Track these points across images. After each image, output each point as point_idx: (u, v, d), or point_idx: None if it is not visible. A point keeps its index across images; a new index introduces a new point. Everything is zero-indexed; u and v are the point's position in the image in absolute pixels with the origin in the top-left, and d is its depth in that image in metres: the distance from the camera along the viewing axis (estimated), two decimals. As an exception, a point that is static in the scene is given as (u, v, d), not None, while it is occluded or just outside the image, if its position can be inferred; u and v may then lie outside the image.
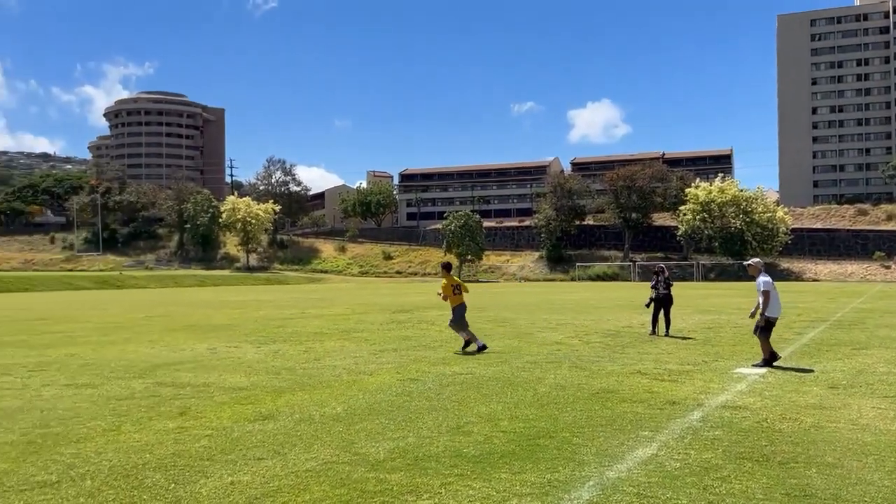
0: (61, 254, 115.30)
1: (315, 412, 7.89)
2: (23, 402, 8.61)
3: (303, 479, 5.41)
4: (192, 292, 54.78)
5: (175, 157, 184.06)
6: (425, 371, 10.98)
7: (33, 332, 18.17)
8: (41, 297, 47.47)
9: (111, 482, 5.34)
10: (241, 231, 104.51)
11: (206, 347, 14.45)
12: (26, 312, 27.24)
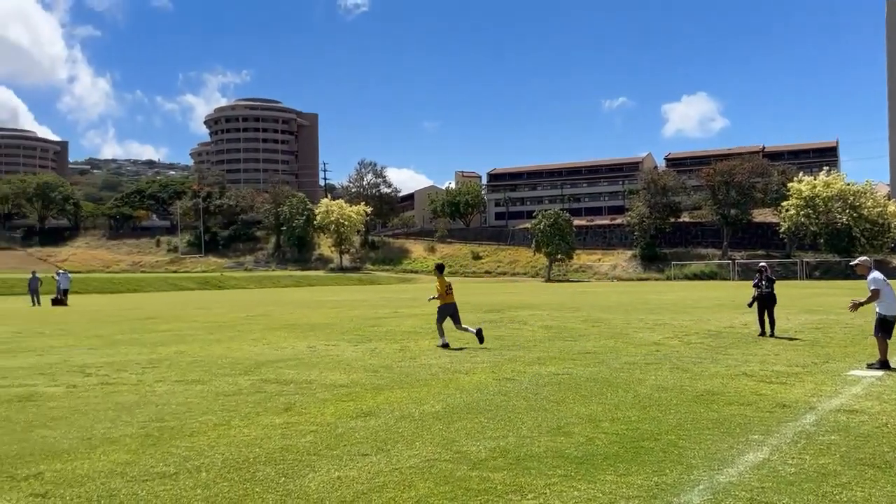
0: (166, 256, 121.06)
1: (414, 410, 7.97)
2: (138, 396, 9.06)
3: (407, 475, 5.47)
4: (288, 292, 56.47)
5: (271, 162, 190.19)
6: (521, 371, 10.92)
7: (144, 331, 19.12)
8: (149, 297, 49.96)
9: (225, 475, 5.54)
10: (334, 233, 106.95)
11: (306, 346, 14.84)
12: (137, 312, 28.70)
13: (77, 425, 7.34)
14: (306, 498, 4.98)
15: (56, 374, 10.98)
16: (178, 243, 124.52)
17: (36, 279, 37.26)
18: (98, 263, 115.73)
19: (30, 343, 16.13)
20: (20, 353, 13.99)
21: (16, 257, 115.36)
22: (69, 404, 8.53)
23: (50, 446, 6.48)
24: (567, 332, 17.28)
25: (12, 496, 5.06)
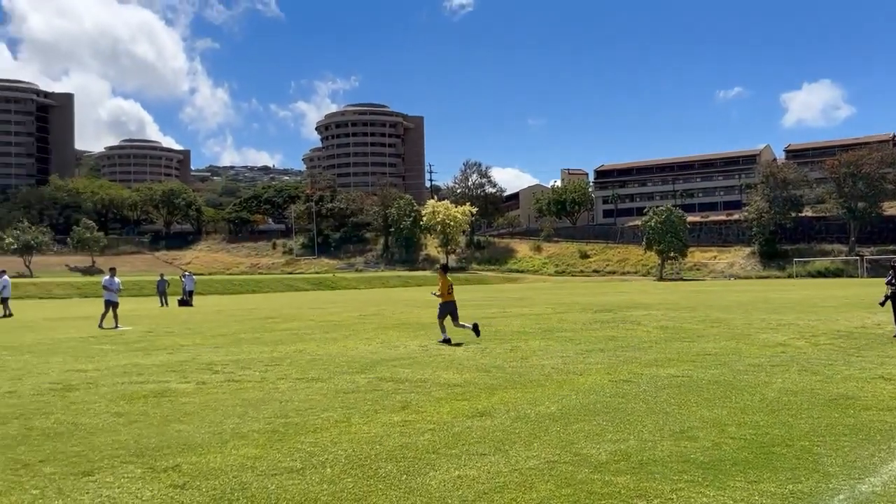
0: (282, 258, 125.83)
1: (530, 411, 7.91)
2: (263, 393, 9.42)
3: (527, 476, 5.43)
4: (397, 292, 57.49)
5: (379, 165, 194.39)
6: (637, 372, 10.65)
7: (264, 330, 19.92)
8: (266, 297, 52.07)
9: (348, 471, 5.68)
10: (440, 233, 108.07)
11: (418, 345, 15.03)
12: (256, 312, 29.95)
13: (208, 420, 7.72)
14: (428, 496, 5.03)
15: (186, 372, 11.59)
16: (292, 246, 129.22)
17: (164, 281, 39.54)
18: (219, 266, 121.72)
19: (161, 342, 17.12)
20: (153, 352, 14.86)
21: (145, 261, 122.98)
22: (199, 400, 8.98)
23: (185, 440, 6.83)
24: (684, 333, 16.72)
25: (154, 487, 5.36)
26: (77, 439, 6.91)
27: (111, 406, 8.64)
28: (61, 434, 7.16)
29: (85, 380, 10.85)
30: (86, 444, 6.68)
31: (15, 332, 20.68)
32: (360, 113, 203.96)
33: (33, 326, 23.35)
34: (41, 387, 10.24)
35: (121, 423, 7.61)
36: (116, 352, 14.95)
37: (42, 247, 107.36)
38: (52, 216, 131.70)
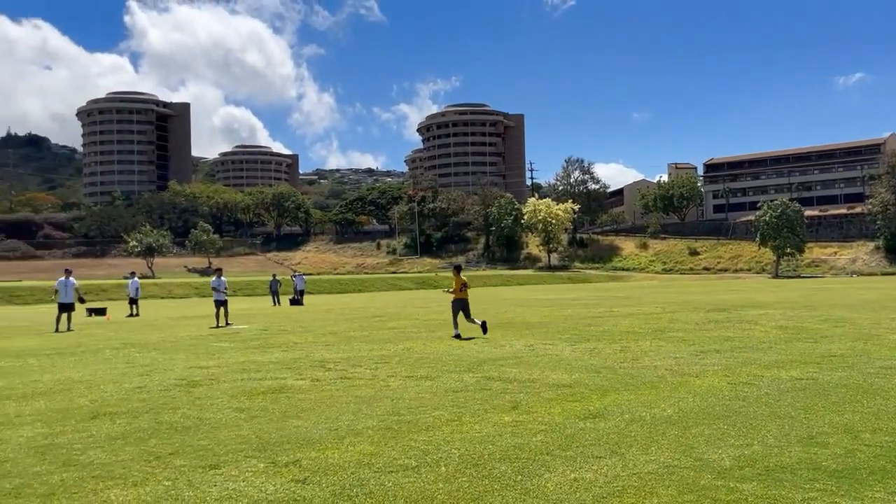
0: (386, 258, 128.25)
1: (644, 413, 7.69)
2: (374, 391, 9.59)
3: (647, 481, 5.27)
4: (499, 291, 57.44)
5: (480, 164, 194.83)
6: (758, 375, 10.18)
7: (372, 329, 20.31)
8: (372, 296, 53.15)
9: (463, 470, 5.69)
10: (542, 231, 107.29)
11: (524, 344, 14.94)
12: (363, 311, 30.60)
13: (324, 416, 7.92)
14: (545, 498, 4.96)
15: (301, 369, 11.96)
16: (395, 246, 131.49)
17: (276, 281, 41.05)
18: (326, 266, 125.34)
19: (275, 340, 17.74)
20: (268, 349, 15.42)
21: (257, 261, 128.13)
22: (315, 397, 9.23)
23: (303, 435, 7.03)
24: (806, 333, 15.88)
25: (276, 481, 5.54)
26: (203, 433, 7.23)
27: (232, 402, 9.01)
28: (188, 428, 7.52)
29: (207, 376, 11.37)
30: (211, 439, 6.99)
31: (142, 331, 21.96)
32: (461, 113, 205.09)
33: (157, 325, 24.72)
34: (167, 382, 10.80)
35: (242, 419, 7.92)
36: (234, 349, 15.60)
37: (163, 249, 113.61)
38: (172, 220, 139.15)
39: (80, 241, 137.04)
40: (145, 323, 25.98)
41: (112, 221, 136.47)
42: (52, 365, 13.40)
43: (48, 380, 11.39)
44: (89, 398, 9.54)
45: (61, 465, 6.12)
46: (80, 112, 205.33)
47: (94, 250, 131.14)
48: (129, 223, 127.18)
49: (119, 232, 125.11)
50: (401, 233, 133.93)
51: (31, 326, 24.83)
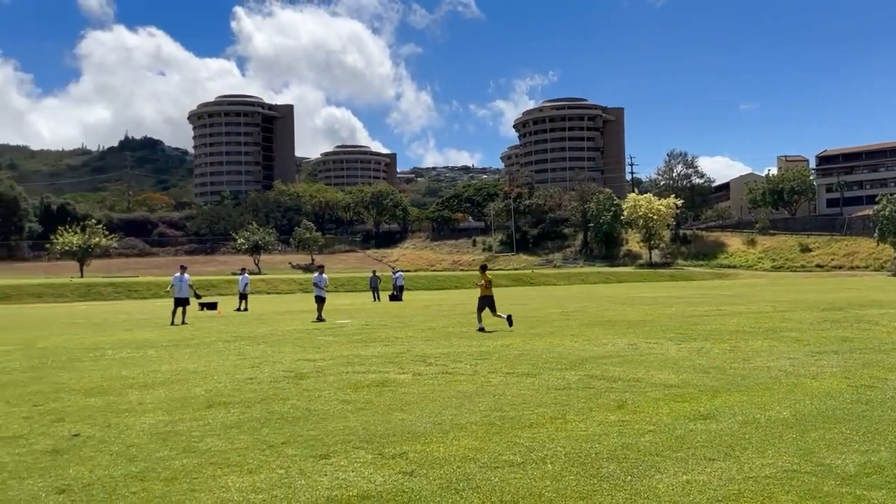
0: (482, 255, 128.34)
1: (759, 415, 7.37)
2: (476, 386, 9.61)
3: (764, 485, 5.05)
4: (598, 289, 56.49)
5: (577, 160, 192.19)
6: (881, 377, 9.59)
7: (471, 324, 20.29)
8: (469, 293, 53.33)
9: (569, 468, 5.61)
10: (642, 228, 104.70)
11: (627, 343, 14.62)
12: (461, 307, 30.76)
13: (427, 410, 8.00)
14: (656, 499, 4.83)
15: (403, 363, 12.12)
16: (491, 243, 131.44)
17: (376, 278, 41.84)
18: (423, 262, 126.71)
19: (377, 334, 18.07)
20: (371, 343, 15.72)
21: (357, 258, 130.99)
22: (417, 391, 9.34)
23: (408, 428, 7.13)
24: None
25: (384, 472, 5.63)
26: (312, 424, 7.44)
27: (339, 394, 9.23)
28: (298, 418, 7.75)
29: (314, 368, 11.70)
30: (320, 429, 7.18)
31: (251, 324, 22.83)
32: (558, 108, 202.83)
33: (265, 319, 25.65)
34: (277, 374, 11.18)
35: (349, 410, 8.10)
36: (339, 343, 15.99)
37: (268, 246, 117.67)
38: (277, 218, 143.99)
39: (192, 238, 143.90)
40: (254, 317, 26.99)
41: (221, 220, 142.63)
42: (170, 356, 14.11)
43: (166, 370, 12.00)
44: (204, 388, 9.99)
45: (181, 451, 6.43)
46: (191, 115, 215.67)
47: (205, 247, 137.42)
48: (237, 221, 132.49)
49: (228, 230, 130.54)
50: (496, 230, 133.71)
51: (149, 319, 26.25)
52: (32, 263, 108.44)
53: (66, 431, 7.29)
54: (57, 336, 19.30)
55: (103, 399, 9.22)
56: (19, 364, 13.07)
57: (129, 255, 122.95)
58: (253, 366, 12.30)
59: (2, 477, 5.71)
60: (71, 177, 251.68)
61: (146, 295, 53.35)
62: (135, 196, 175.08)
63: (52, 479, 5.62)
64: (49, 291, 54.80)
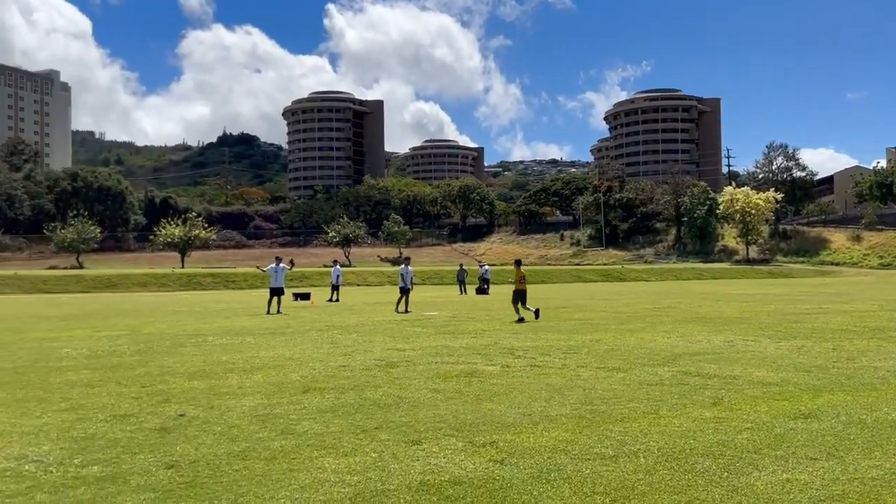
0: (569, 249, 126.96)
1: (865, 416, 7.05)
2: (565, 380, 9.55)
3: (870, 487, 4.84)
4: (691, 285, 54.94)
5: (671, 153, 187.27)
6: None
7: (559, 319, 20.23)
8: (556, 288, 52.87)
9: (663, 462, 5.52)
10: (739, 222, 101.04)
11: (723, 340, 14.19)
12: (548, 301, 30.51)
13: (516, 402, 8.01)
14: (755, 496, 4.70)
15: (491, 355, 12.17)
16: (580, 237, 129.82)
17: (463, 271, 42.06)
18: (510, 257, 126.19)
19: (464, 326, 18.18)
20: (459, 335, 15.84)
21: (443, 251, 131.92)
22: (505, 382, 9.36)
23: (497, 418, 7.17)
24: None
25: (475, 460, 5.69)
26: (403, 411, 7.58)
27: (428, 383, 9.36)
28: (389, 405, 7.91)
29: (404, 358, 11.90)
30: (411, 416, 7.31)
31: (342, 315, 23.38)
32: (651, 99, 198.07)
33: (355, 309, 26.21)
34: (368, 362, 11.43)
35: (439, 399, 8.21)
36: (427, 334, 16.19)
37: (358, 240, 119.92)
38: (366, 212, 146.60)
39: (286, 231, 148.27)
40: (345, 308, 27.63)
41: (313, 214, 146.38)
42: (267, 343, 14.64)
43: (263, 356, 12.46)
44: (300, 374, 10.32)
45: (280, 433, 6.68)
46: (285, 112, 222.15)
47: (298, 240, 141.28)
48: (329, 215, 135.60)
49: (319, 223, 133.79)
50: (585, 224, 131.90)
51: (246, 308, 27.25)
52: (137, 254, 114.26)
53: (173, 412, 7.69)
54: (161, 322, 20.31)
55: (206, 382, 9.66)
56: (127, 348, 13.84)
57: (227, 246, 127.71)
58: (345, 354, 12.61)
59: (116, 451, 6.08)
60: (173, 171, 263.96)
61: (243, 285, 55.41)
62: (232, 190, 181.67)
63: (161, 455, 5.94)
64: (153, 281, 57.69)
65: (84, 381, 9.75)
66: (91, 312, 25.88)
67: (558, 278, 69.27)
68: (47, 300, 39.18)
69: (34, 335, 16.70)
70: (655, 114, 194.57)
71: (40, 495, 4.95)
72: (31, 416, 7.54)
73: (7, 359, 12.26)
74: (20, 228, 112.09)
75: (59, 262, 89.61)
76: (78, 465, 5.69)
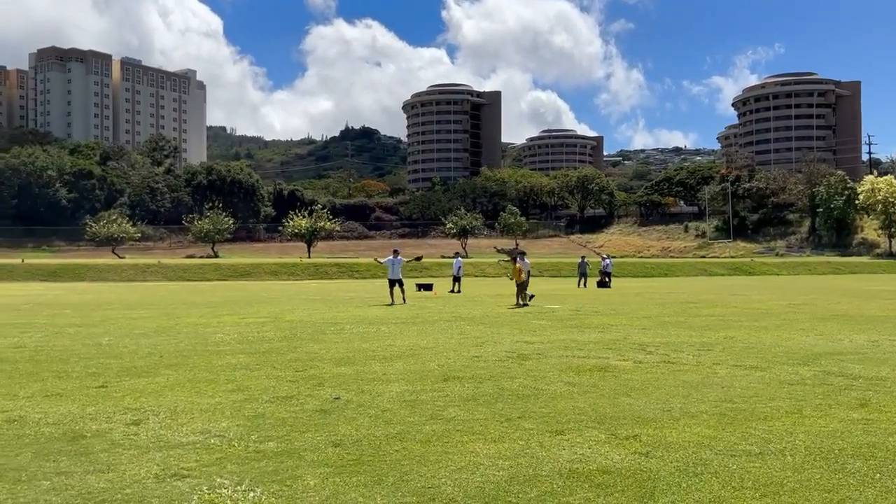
0: (694, 241, 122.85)
1: None
2: (701, 377, 9.54)
3: None
4: (827, 280, 52.09)
5: (804, 140, 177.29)
6: None
7: (688, 315, 19.89)
8: (680, 281, 51.51)
9: (811, 461, 5.55)
10: (881, 213, 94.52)
11: (866, 339, 13.62)
12: (674, 296, 29.93)
13: (653, 397, 8.14)
14: (912, 501, 4.69)
15: (621, 350, 12.25)
16: (705, 229, 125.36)
17: (584, 263, 41.78)
18: (630, 249, 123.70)
19: (590, 320, 18.23)
20: (585, 329, 15.95)
21: (561, 243, 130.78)
22: (640, 378, 9.46)
23: (636, 413, 7.33)
24: None
25: (620, 452, 5.92)
26: (542, 402, 7.88)
27: (562, 376, 9.61)
28: (528, 396, 8.23)
29: (534, 350, 12.18)
30: (550, 407, 7.60)
31: (467, 306, 23.91)
32: (783, 83, 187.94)
33: (478, 301, 26.70)
34: (500, 354, 11.79)
35: (575, 392, 8.45)
36: (553, 327, 16.39)
37: (475, 231, 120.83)
38: (483, 203, 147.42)
39: (405, 222, 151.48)
40: (467, 299, 28.18)
41: (431, 205, 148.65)
42: (401, 332, 15.30)
43: (400, 345, 13.07)
44: (437, 363, 10.81)
45: (429, 418, 7.14)
46: (405, 105, 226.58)
47: (416, 231, 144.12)
48: (446, 207, 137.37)
49: (437, 215, 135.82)
50: (711, 215, 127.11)
51: (373, 297, 28.29)
52: (266, 244, 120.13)
53: (328, 395, 8.32)
54: (299, 311, 21.51)
55: (352, 368, 10.32)
56: (274, 335, 14.84)
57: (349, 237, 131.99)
58: (476, 344, 13.03)
59: (286, 430, 6.71)
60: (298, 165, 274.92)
61: (366, 275, 57.27)
62: (354, 183, 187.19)
63: (327, 435, 6.52)
64: (283, 270, 60.66)
65: (243, 365, 10.64)
66: (233, 300, 27.69)
67: (683, 271, 67.40)
68: (189, 287, 42.13)
69: (188, 321, 18.16)
70: (788, 99, 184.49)
71: (230, 465, 5.60)
72: (203, 395, 8.38)
73: (171, 342, 13.49)
74: (161, 219, 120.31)
75: (195, 252, 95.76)
76: (255, 440, 6.35)
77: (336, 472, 5.39)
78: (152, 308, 23.01)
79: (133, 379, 9.44)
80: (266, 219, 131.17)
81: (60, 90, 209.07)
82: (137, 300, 27.92)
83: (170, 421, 7.07)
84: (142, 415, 7.31)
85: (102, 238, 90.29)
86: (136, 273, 56.26)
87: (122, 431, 6.64)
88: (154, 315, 20.00)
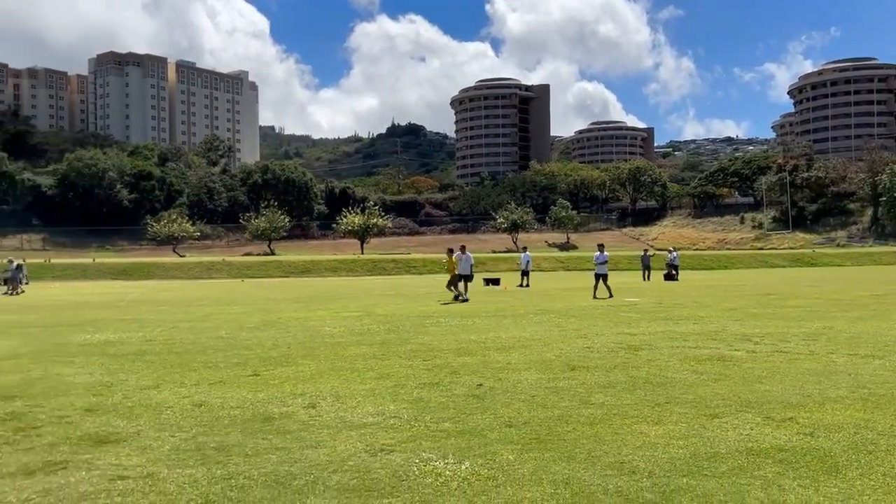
0: (751, 233, 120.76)
1: None
2: (822, 365, 9.72)
3: None
4: (893, 271, 50.97)
5: (865, 127, 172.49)
6: None
7: (772, 306, 19.91)
8: (741, 273, 50.93)
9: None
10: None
11: (971, 329, 13.60)
12: (744, 288, 29.80)
13: (787, 384, 8.42)
14: None
15: (728, 340, 12.48)
16: (762, 220, 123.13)
17: (647, 256, 41.73)
18: (685, 241, 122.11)
19: (677, 313, 18.40)
20: (678, 321, 16.15)
21: (613, 236, 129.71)
22: (761, 366, 9.72)
23: (778, 398, 7.63)
24: None
25: (784, 432, 6.24)
26: (681, 389, 8.23)
27: (685, 365, 9.92)
28: (662, 384, 8.58)
29: (641, 342, 12.50)
30: (692, 394, 7.95)
31: (543, 300, 24.26)
32: (841, 70, 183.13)
33: (551, 295, 27.02)
34: (609, 345, 12.14)
35: (708, 380, 8.77)
36: (644, 320, 16.63)
37: (525, 225, 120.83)
38: (533, 197, 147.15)
39: (455, 218, 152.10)
40: (539, 293, 28.51)
41: (481, 200, 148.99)
42: (496, 325, 15.75)
43: (504, 337, 13.52)
44: (552, 353, 11.22)
45: (580, 404, 7.56)
46: (452, 101, 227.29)
47: (466, 226, 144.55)
48: (496, 201, 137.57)
49: (487, 209, 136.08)
50: (768, 205, 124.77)
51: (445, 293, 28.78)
52: (320, 241, 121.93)
53: (469, 382, 8.80)
54: (386, 305, 22.14)
55: (474, 358, 10.80)
56: (378, 328, 15.42)
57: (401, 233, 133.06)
58: (579, 336, 13.40)
59: (453, 412, 7.21)
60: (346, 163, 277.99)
61: (422, 270, 57.92)
62: (404, 180, 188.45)
63: (493, 417, 6.98)
64: (342, 266, 61.68)
65: (370, 355, 11.22)
66: (314, 296, 28.51)
67: (742, 263, 66.51)
68: (259, 284, 43.31)
69: (287, 315, 18.91)
70: (847, 85, 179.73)
71: (424, 442, 6.10)
72: (353, 382, 8.95)
73: (287, 335, 14.17)
74: (218, 218, 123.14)
75: (252, 249, 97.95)
76: (430, 421, 6.86)
77: (525, 449, 5.85)
78: (242, 304, 23.90)
79: (278, 368, 10.08)
80: (319, 216, 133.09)
81: (119, 93, 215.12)
82: (221, 297, 28.94)
83: (340, 404, 7.63)
84: (312, 399, 7.90)
85: (163, 237, 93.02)
86: (202, 271, 57.91)
87: (305, 413, 7.23)
88: (249, 310, 20.83)
